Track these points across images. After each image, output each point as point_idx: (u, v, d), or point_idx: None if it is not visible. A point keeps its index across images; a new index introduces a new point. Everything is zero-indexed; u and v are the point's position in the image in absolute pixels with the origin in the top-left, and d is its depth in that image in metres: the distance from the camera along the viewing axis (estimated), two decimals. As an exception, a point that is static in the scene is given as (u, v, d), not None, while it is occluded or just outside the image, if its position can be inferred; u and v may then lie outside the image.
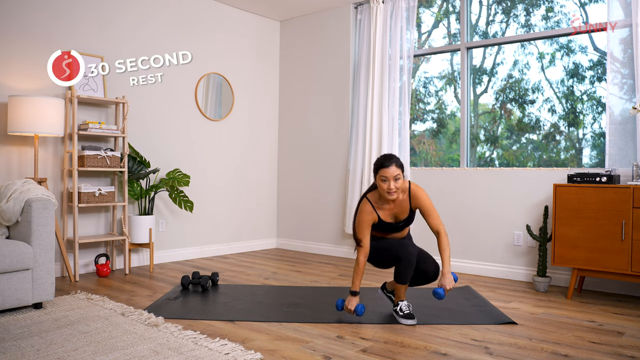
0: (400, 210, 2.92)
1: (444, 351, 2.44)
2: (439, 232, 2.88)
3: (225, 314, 3.04)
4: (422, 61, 5.11)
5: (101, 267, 4.06)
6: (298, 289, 3.73)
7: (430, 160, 5.03)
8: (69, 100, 3.99)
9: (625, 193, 3.29)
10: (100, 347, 2.38)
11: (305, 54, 5.67)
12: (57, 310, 2.98)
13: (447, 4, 4.95)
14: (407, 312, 2.94)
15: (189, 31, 4.98)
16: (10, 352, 2.31)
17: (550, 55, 4.35)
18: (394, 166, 2.79)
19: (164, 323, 2.74)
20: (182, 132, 4.94)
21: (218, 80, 5.26)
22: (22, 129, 3.59)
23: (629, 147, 3.71)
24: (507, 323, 2.91)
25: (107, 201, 4.13)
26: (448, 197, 4.55)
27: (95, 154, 4.03)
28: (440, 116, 5.00)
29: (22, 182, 3.22)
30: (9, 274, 2.88)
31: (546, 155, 4.36)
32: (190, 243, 5.02)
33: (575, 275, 3.50)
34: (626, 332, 2.79)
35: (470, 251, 4.42)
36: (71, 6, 4.15)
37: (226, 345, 2.43)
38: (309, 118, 5.62)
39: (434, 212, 2.91)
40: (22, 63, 3.89)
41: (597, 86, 4.15)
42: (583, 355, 2.41)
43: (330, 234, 5.37)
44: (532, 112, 4.42)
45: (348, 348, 2.47)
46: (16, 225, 3.12)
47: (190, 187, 4.88)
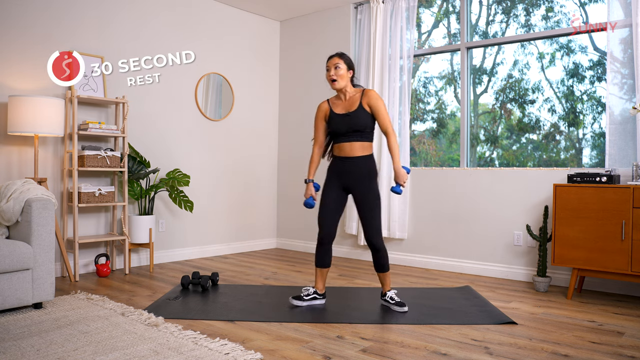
0: (350, 104, 3.17)
1: (444, 351, 2.44)
2: (388, 132, 3.12)
3: (225, 314, 3.04)
4: (422, 61, 5.11)
5: (101, 267, 4.06)
6: (298, 289, 3.73)
7: (430, 160, 5.03)
8: (69, 100, 3.99)
9: (625, 193, 3.29)
10: (100, 347, 2.38)
11: (305, 54, 5.67)
12: (57, 310, 2.98)
13: (447, 4, 4.95)
14: (398, 300, 3.12)
15: (189, 31, 4.98)
16: (10, 352, 2.31)
17: (550, 55, 4.35)
18: (336, 57, 3.15)
19: (164, 323, 2.74)
20: (182, 132, 4.94)
21: (218, 80, 5.26)
22: (22, 129, 3.59)
23: (629, 147, 3.71)
24: (507, 323, 2.91)
25: (107, 201, 4.13)
26: (448, 197, 4.56)
27: (95, 154, 4.03)
28: (440, 116, 5.00)
29: (22, 182, 3.22)
30: (9, 274, 2.88)
31: (546, 155, 4.36)
32: (190, 243, 5.03)
33: (575, 275, 3.50)
34: (626, 332, 2.79)
35: (470, 251, 4.42)
36: (71, 6, 4.15)
37: (226, 345, 2.43)
38: (309, 118, 5.61)
39: (384, 112, 3.12)
40: (22, 63, 3.89)
41: (597, 86, 4.15)
42: (583, 355, 2.41)
43: (330, 234, 5.36)
44: (532, 112, 4.42)
45: (348, 348, 2.47)
46: (16, 225, 3.13)
47: (190, 187, 4.88)
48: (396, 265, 4.77)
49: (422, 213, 4.72)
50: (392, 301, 3.15)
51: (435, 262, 4.61)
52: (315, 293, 3.26)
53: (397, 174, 3.09)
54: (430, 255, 4.66)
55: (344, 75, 3.14)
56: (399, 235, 4.76)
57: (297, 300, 3.22)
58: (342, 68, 3.13)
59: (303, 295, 3.23)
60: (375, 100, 3.10)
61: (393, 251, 4.86)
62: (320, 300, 3.27)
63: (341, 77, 3.13)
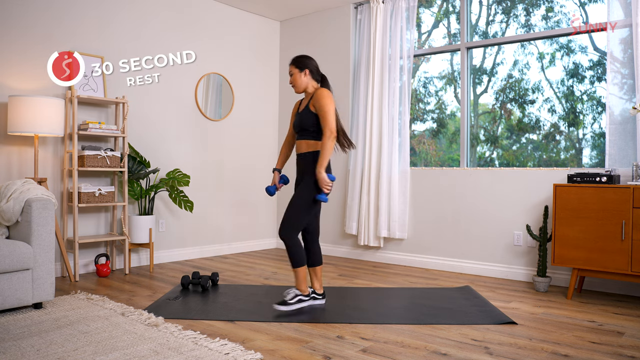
0: (305, 103, 3.23)
1: (444, 351, 2.44)
2: (324, 133, 3.06)
3: (225, 314, 3.04)
4: (422, 61, 5.11)
5: (101, 267, 4.06)
6: (298, 289, 3.73)
7: (430, 160, 5.03)
8: (69, 100, 3.99)
9: (625, 193, 3.29)
10: (100, 347, 2.38)
11: (305, 53, 5.66)
12: (57, 310, 2.98)
13: (447, 4, 4.95)
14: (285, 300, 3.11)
15: (189, 31, 4.98)
16: (10, 352, 2.31)
17: (550, 55, 4.35)
18: (290, 65, 3.25)
19: (164, 323, 2.74)
20: (182, 132, 4.94)
21: (218, 80, 5.26)
22: (22, 129, 3.59)
23: (629, 147, 3.71)
24: (507, 323, 2.91)
25: (107, 201, 4.13)
26: (448, 197, 4.56)
27: (95, 154, 4.03)
28: (440, 116, 5.00)
29: (22, 182, 3.22)
30: (9, 274, 2.88)
31: (546, 155, 4.36)
32: (190, 243, 5.03)
33: (575, 275, 3.50)
34: (626, 332, 2.79)
35: (470, 251, 4.42)
36: (71, 6, 4.15)
37: (226, 345, 2.43)
38: (309, 118, 5.61)
39: (325, 112, 3.05)
40: (22, 63, 3.89)
41: (597, 86, 4.15)
42: (583, 355, 2.41)
43: (330, 234, 5.37)
44: (532, 112, 4.42)
45: (348, 348, 2.47)
46: (16, 225, 3.13)
47: (190, 187, 4.89)
48: (396, 265, 4.77)
49: (422, 213, 4.72)
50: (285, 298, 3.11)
51: (435, 262, 4.61)
52: (314, 293, 3.24)
53: (318, 180, 3.01)
54: (430, 255, 4.66)
55: (299, 79, 3.20)
56: (399, 235, 4.76)
57: (282, 305, 3.07)
58: (295, 73, 3.21)
59: (287, 300, 3.09)
60: (319, 101, 3.07)
61: (393, 251, 4.86)
62: (320, 300, 3.26)
63: (296, 82, 3.21)
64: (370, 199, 4.88)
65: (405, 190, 4.74)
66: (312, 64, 3.21)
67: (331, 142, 3.01)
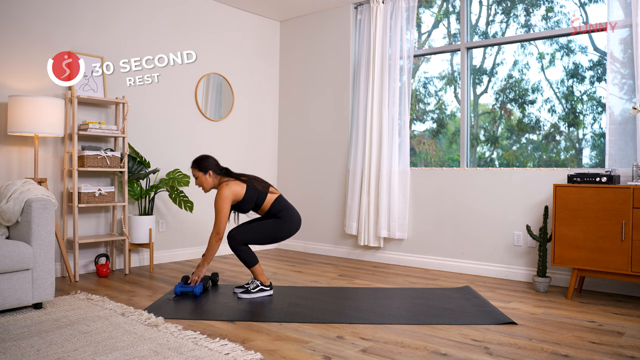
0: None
1: (444, 351, 2.45)
2: (211, 232, 3.45)
3: (225, 314, 3.04)
4: (422, 61, 5.11)
5: (101, 267, 4.06)
6: (298, 289, 3.73)
7: (430, 160, 5.03)
8: (69, 100, 3.99)
9: (625, 193, 3.29)
10: (100, 347, 2.38)
11: (306, 54, 5.67)
12: (57, 311, 2.98)
13: (447, 4, 4.95)
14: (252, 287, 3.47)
15: (189, 31, 4.98)
16: (10, 352, 2.31)
17: (550, 55, 4.35)
18: (192, 168, 3.50)
19: (164, 323, 2.74)
20: (182, 132, 4.94)
21: (218, 80, 5.26)
22: (22, 129, 3.59)
23: (629, 147, 3.71)
24: (507, 323, 2.91)
25: (107, 201, 4.13)
26: (448, 198, 4.56)
27: (95, 154, 4.03)
28: (440, 116, 5.00)
29: (22, 182, 3.22)
30: (9, 274, 2.88)
31: (546, 156, 4.36)
32: (190, 243, 5.02)
33: (575, 276, 3.50)
34: (626, 332, 2.79)
35: (470, 251, 4.42)
36: (71, 6, 4.15)
37: (226, 345, 2.43)
38: (309, 118, 5.62)
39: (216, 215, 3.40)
40: (22, 63, 3.89)
41: (597, 86, 4.15)
42: (583, 356, 2.41)
43: (330, 234, 5.37)
44: (532, 112, 4.42)
45: (348, 348, 2.47)
46: (16, 225, 3.13)
47: (190, 187, 4.88)
48: (396, 265, 4.78)
49: (422, 213, 4.72)
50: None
51: (435, 262, 4.61)
52: (263, 285, 3.51)
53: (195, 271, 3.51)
54: (430, 256, 4.66)
55: (205, 180, 3.49)
56: (399, 235, 4.76)
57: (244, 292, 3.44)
58: (199, 176, 3.48)
59: (250, 289, 3.44)
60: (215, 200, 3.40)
61: (393, 251, 4.86)
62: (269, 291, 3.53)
63: (203, 184, 3.50)
64: (370, 199, 4.88)
65: (405, 191, 4.74)
66: (212, 163, 3.51)
67: (215, 243, 3.41)
